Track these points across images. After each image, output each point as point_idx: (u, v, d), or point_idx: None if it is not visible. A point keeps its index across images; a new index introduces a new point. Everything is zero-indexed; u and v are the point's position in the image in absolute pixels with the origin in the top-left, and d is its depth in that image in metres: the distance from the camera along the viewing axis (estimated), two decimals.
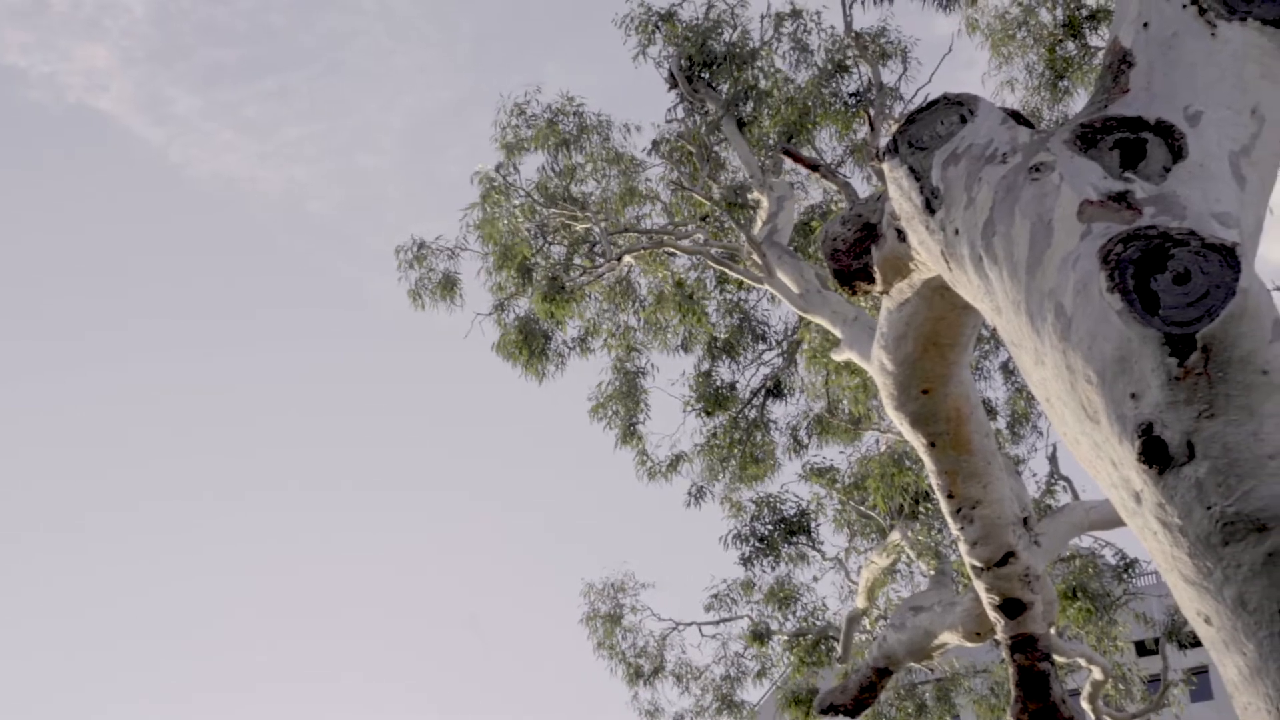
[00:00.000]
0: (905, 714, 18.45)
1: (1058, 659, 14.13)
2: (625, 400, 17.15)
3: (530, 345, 16.33)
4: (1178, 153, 3.09)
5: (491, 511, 71.43)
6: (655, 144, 16.68)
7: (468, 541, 71.74)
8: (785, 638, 17.45)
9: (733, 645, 18.62)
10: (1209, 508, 2.55)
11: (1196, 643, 16.94)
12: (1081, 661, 15.48)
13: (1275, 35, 3.36)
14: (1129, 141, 3.16)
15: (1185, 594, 2.68)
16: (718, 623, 18.37)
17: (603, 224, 16.28)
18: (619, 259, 16.33)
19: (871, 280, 4.45)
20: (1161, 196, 2.95)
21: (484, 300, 17.14)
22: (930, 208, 3.56)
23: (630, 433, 17.25)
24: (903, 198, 3.69)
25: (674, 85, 16.09)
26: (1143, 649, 19.28)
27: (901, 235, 4.02)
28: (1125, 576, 16.74)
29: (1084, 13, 16.00)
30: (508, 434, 67.61)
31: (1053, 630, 12.67)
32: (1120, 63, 3.45)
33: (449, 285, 16.89)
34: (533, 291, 16.13)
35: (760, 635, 17.50)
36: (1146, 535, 2.73)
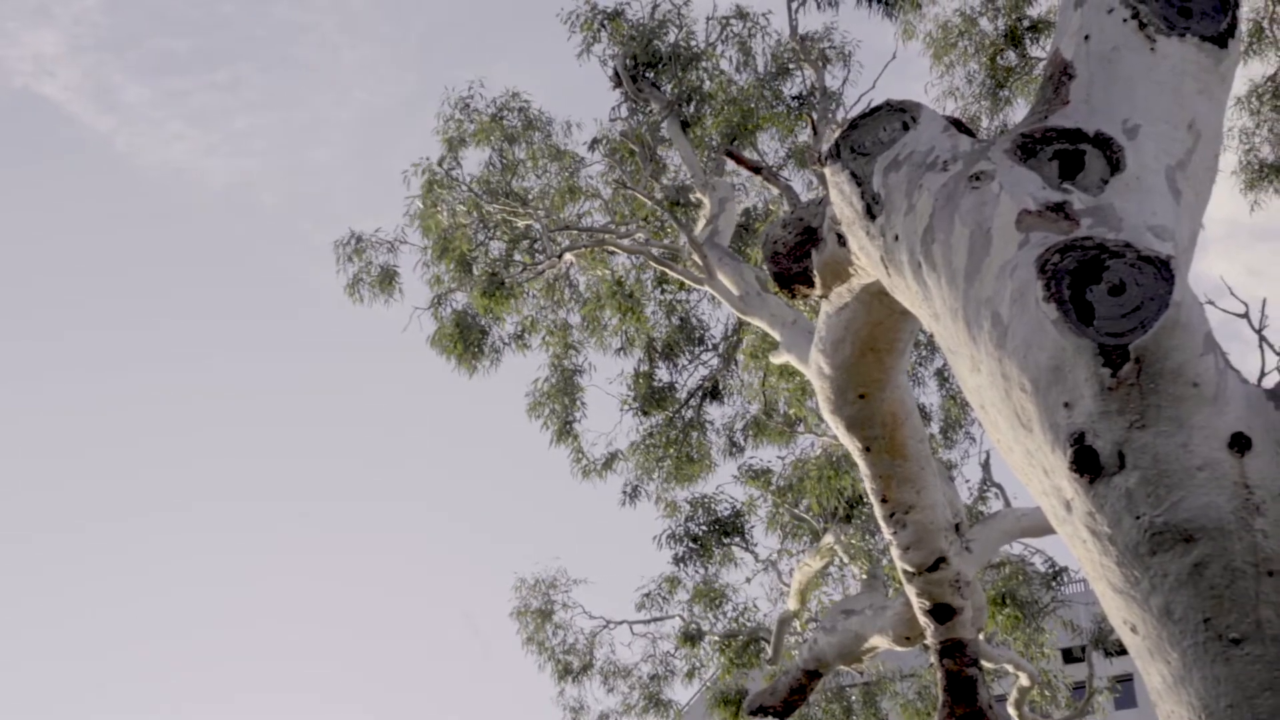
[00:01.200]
0: (832, 716, 18.54)
1: (986, 664, 14.23)
2: (562, 398, 17.13)
3: (466, 340, 16.28)
4: (1115, 165, 3.11)
5: (421, 510, 71.17)
6: (596, 141, 16.68)
7: (399, 539, 71.42)
8: (716, 639, 17.48)
9: (662, 644, 18.64)
10: (1138, 517, 2.57)
11: (1122, 651, 17.12)
12: (1009, 667, 15.61)
13: (1213, 52, 3.39)
14: (1068, 153, 3.19)
15: (1112, 602, 2.71)
16: (648, 621, 18.39)
17: (544, 220, 16.25)
18: (560, 256, 16.31)
19: (811, 284, 4.46)
20: (1099, 208, 2.98)
21: (424, 295, 17.08)
22: (871, 213, 3.57)
23: (566, 430, 17.23)
24: (844, 203, 3.70)
25: (618, 84, 16.09)
26: (1069, 656, 19.49)
27: (842, 240, 4.04)
28: (1054, 584, 16.89)
29: (1025, 24, 16.15)
30: (443, 430, 67.38)
31: (981, 636, 12.76)
32: (1061, 74, 3.48)
33: (387, 279, 16.82)
34: (472, 286, 16.08)
35: (692, 637, 17.51)
36: (1076, 543, 2.75)
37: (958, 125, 3.66)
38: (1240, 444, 2.56)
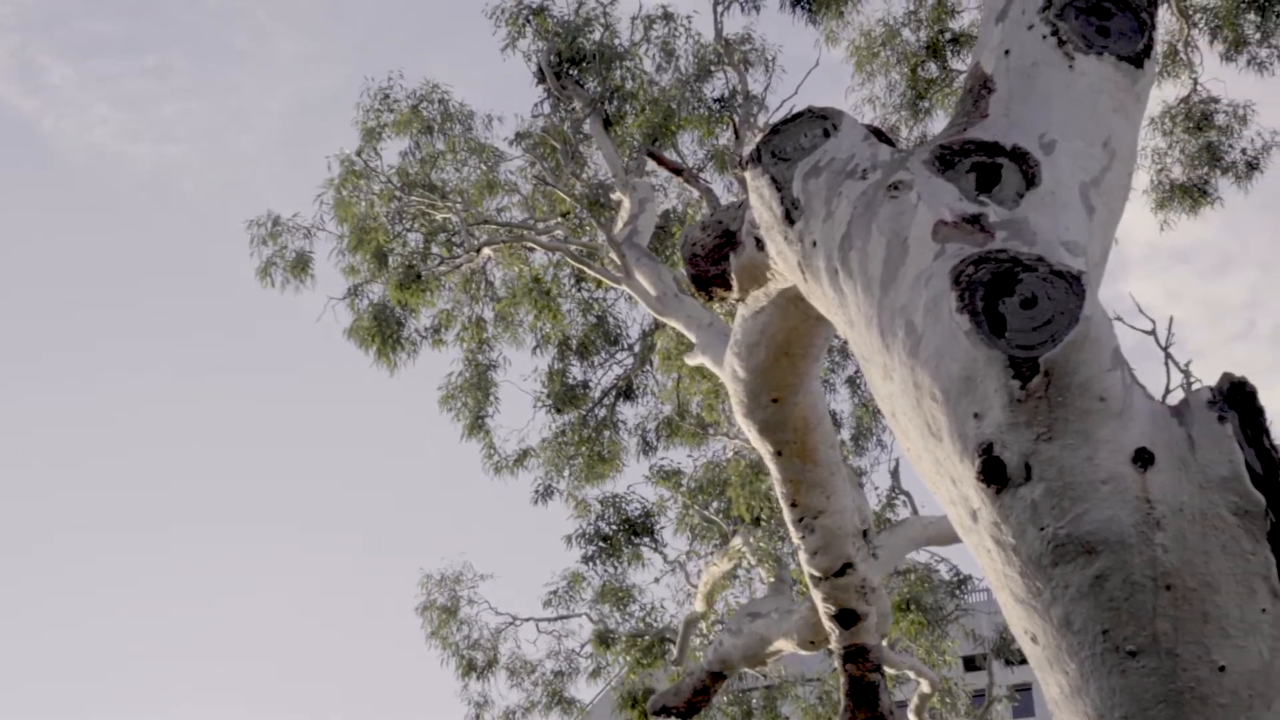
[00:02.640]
0: (732, 718, 18.58)
1: (888, 670, 14.35)
2: (475, 392, 17.05)
3: (383, 332, 16.17)
4: (1031, 179, 3.14)
5: (328, 504, 70.60)
6: (520, 136, 16.62)
7: (304, 533, 70.80)
8: (622, 638, 17.47)
9: (568, 642, 18.61)
10: (1042, 529, 2.59)
11: (1022, 660, 17.33)
12: (911, 674, 15.75)
13: (1130, 71, 3.44)
14: (985, 165, 3.21)
15: (1014, 612, 2.73)
16: (555, 619, 18.35)
17: (462, 214, 16.17)
18: (477, 251, 16.23)
19: (728, 287, 4.47)
20: (1013, 221, 3.01)
21: (339, 284, 16.93)
22: (790, 218, 3.58)
23: (478, 425, 17.15)
24: (763, 207, 3.71)
25: (542, 80, 16.04)
26: (970, 664, 19.70)
27: (760, 244, 4.05)
28: (958, 592, 17.07)
29: (947, 36, 16.30)
30: (356, 422, 66.89)
31: (885, 642, 12.86)
32: (981, 88, 3.51)
33: (301, 265, 16.64)
34: (388, 278, 15.96)
35: (605, 639, 17.49)
36: (981, 552, 2.77)
37: (878, 134, 3.68)
38: (1143, 459, 2.59)
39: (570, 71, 15.92)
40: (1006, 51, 3.52)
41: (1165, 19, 16.57)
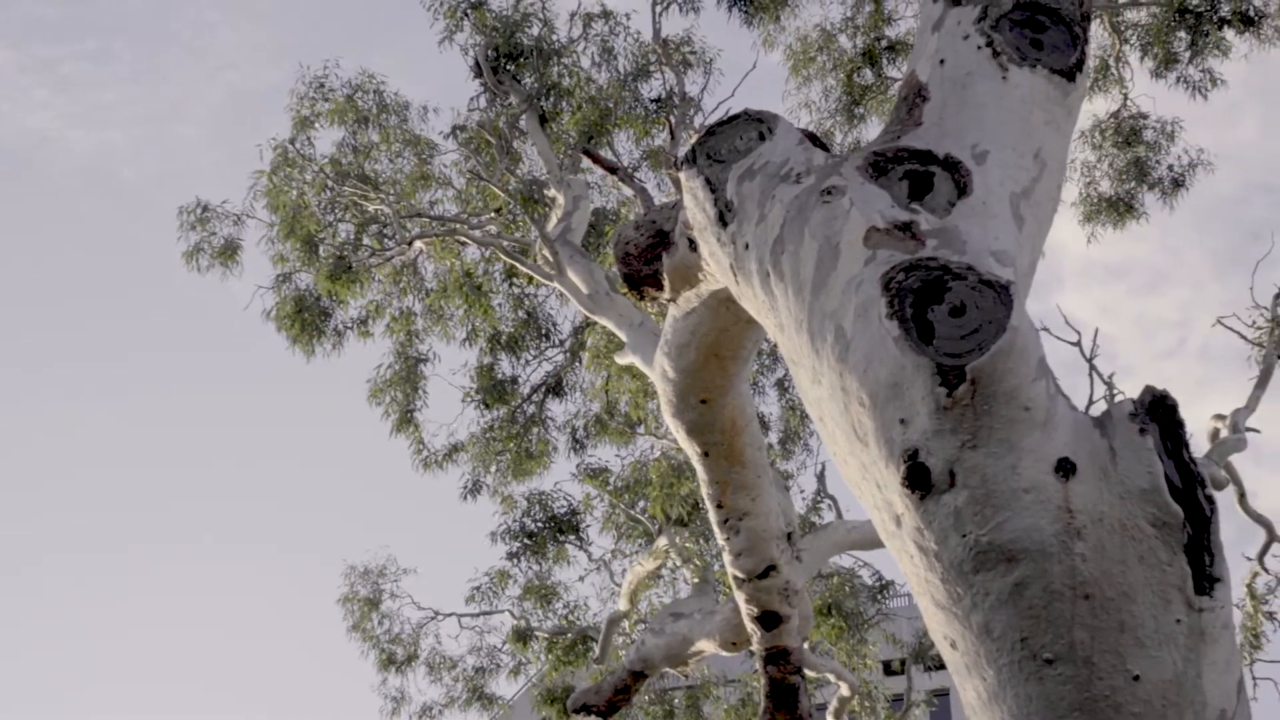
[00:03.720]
0: (653, 718, 18.59)
1: (808, 673, 14.42)
2: (404, 386, 16.97)
3: (305, 319, 16.05)
4: (963, 189, 3.16)
5: (255, 494, 70.03)
6: (456, 129, 16.55)
7: (231, 522, 70.20)
8: (545, 635, 17.44)
9: (490, 638, 18.55)
10: (964, 535, 2.61)
11: (940, 666, 17.47)
12: (831, 677, 15.81)
13: (1062, 85, 3.47)
14: (918, 174, 3.23)
15: (935, 618, 2.75)
16: (477, 615, 18.28)
17: (395, 206, 16.08)
18: (409, 243, 16.15)
19: (660, 287, 4.47)
20: (944, 230, 3.02)
21: (270, 273, 16.78)
22: (723, 220, 3.59)
23: (407, 420, 17.07)
24: (697, 208, 3.72)
25: (479, 74, 15.98)
26: (889, 669, 19.84)
27: (693, 245, 4.05)
28: (880, 597, 17.16)
29: (883, 43, 16.41)
30: (285, 413, 66.39)
31: (806, 645, 12.92)
32: (915, 96, 3.53)
33: (230, 251, 16.50)
34: (318, 267, 15.85)
35: (523, 635, 17.44)
36: (903, 558, 2.79)
37: (813, 139, 3.70)
38: (1066, 469, 2.61)
39: (507, 67, 15.87)
40: (942, 61, 3.54)
41: (1098, 34, 16.78)
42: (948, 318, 2.71)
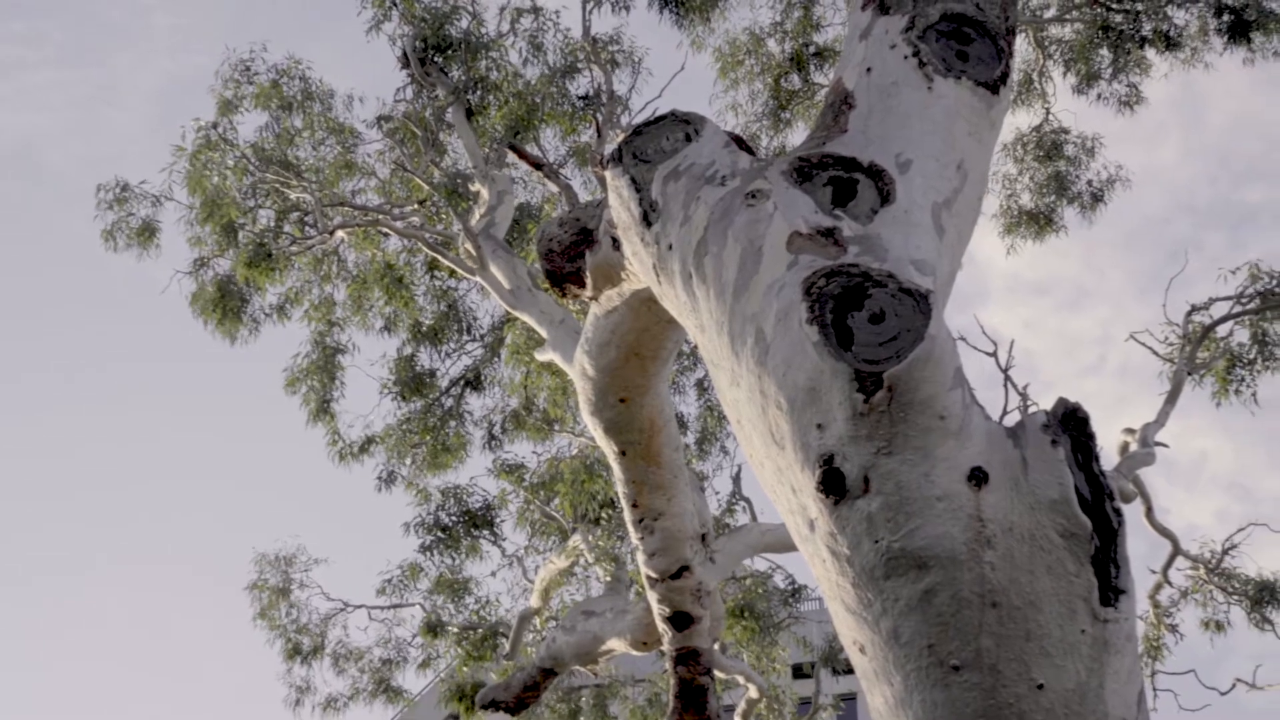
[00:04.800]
0: (560, 716, 18.56)
1: (718, 675, 14.46)
2: (321, 375, 16.83)
3: (225, 306, 15.89)
4: (886, 197, 3.18)
5: (168, 483, 69.19)
6: (380, 119, 16.44)
7: (147, 511, 69.32)
8: (455, 630, 17.36)
9: (399, 631, 18.44)
10: (876, 541, 2.63)
11: (849, 670, 17.56)
12: (740, 679, 15.87)
13: (986, 97, 3.50)
14: (842, 180, 3.25)
15: (845, 622, 2.76)
16: (387, 608, 18.16)
17: (317, 194, 15.94)
18: (331, 232, 16.03)
19: (583, 285, 4.47)
20: (867, 237, 3.04)
21: (188, 258, 16.58)
22: (647, 220, 3.59)
23: (324, 410, 16.94)
24: (622, 207, 3.71)
25: (406, 65, 15.88)
26: (799, 672, 19.90)
27: (616, 244, 4.05)
28: (791, 600, 17.23)
29: (811, 49, 16.47)
30: (202, 401, 65.62)
31: (716, 646, 12.96)
32: (842, 103, 3.55)
33: (147, 232, 16.29)
34: (237, 253, 15.68)
35: (434, 628, 17.36)
36: (816, 562, 2.80)
37: (739, 142, 3.71)
38: (978, 478, 2.63)
39: (435, 59, 15.77)
40: (868, 69, 3.56)
41: (1022, 49, 16.96)
42: (867, 324, 2.73)
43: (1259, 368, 16.34)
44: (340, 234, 16.20)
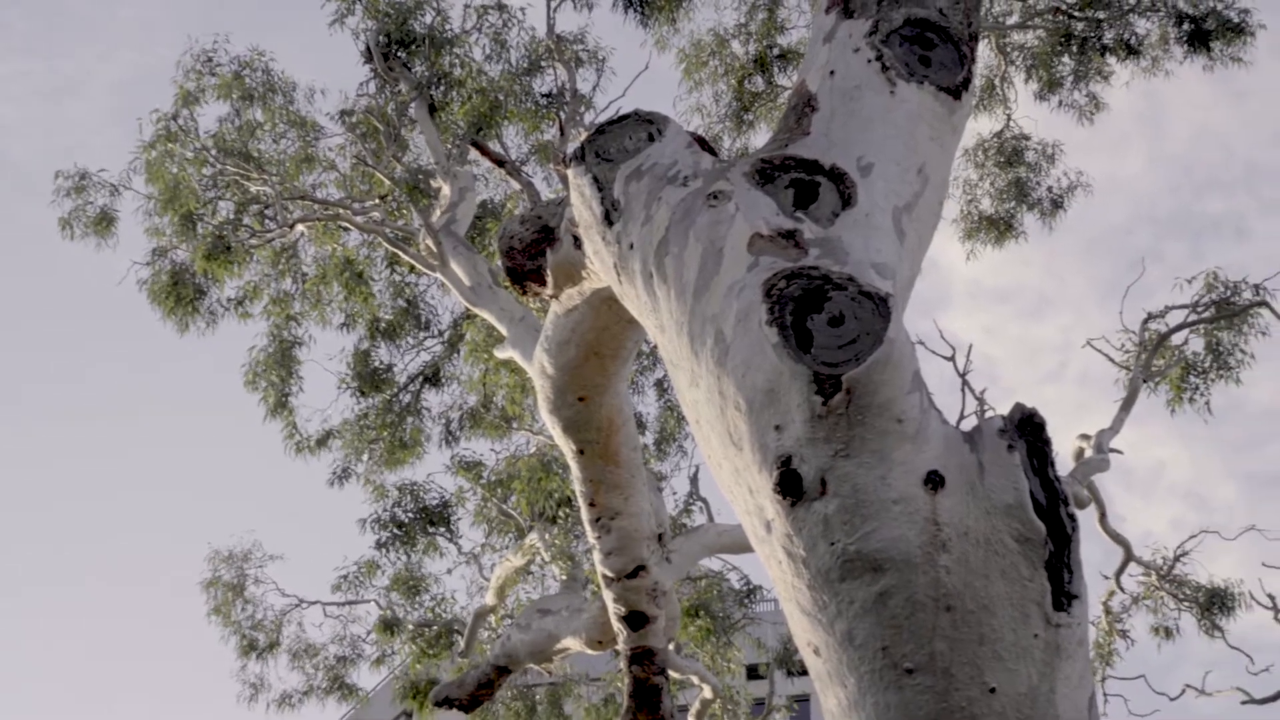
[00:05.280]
0: (515, 714, 18.53)
1: (672, 674, 14.47)
2: (279, 370, 16.75)
3: (181, 296, 15.79)
4: (847, 200, 3.19)
5: (124, 474, 68.72)
6: (343, 113, 16.37)
7: (101, 501, 68.82)
8: (410, 627, 17.31)
9: (353, 628, 18.37)
10: (832, 543, 2.63)
11: (803, 672, 17.61)
12: (694, 679, 15.87)
13: (948, 102, 3.52)
14: (804, 183, 3.26)
15: (800, 624, 2.77)
16: (342, 604, 18.10)
17: (278, 187, 15.86)
18: (291, 226, 15.96)
19: (543, 283, 4.47)
20: (827, 240, 3.05)
21: (146, 249, 16.45)
22: (609, 219, 3.59)
23: (282, 404, 16.86)
24: (583, 206, 3.71)
25: (369, 60, 15.81)
26: (753, 673, 19.91)
27: (578, 242, 4.05)
28: (746, 601, 17.25)
29: (775, 51, 16.52)
30: (161, 395, 65.21)
31: (671, 646, 12.97)
32: (805, 105, 3.56)
33: (105, 221, 16.17)
34: (195, 244, 15.59)
35: (388, 625, 17.31)
36: (772, 563, 2.80)
37: (701, 143, 3.71)
38: (934, 482, 2.64)
39: (398, 54, 15.71)
40: (832, 72, 3.57)
41: (984, 55, 17.04)
42: (827, 327, 2.74)
43: (1213, 376, 16.48)
44: (300, 228, 16.13)
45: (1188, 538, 17.75)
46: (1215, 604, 17.10)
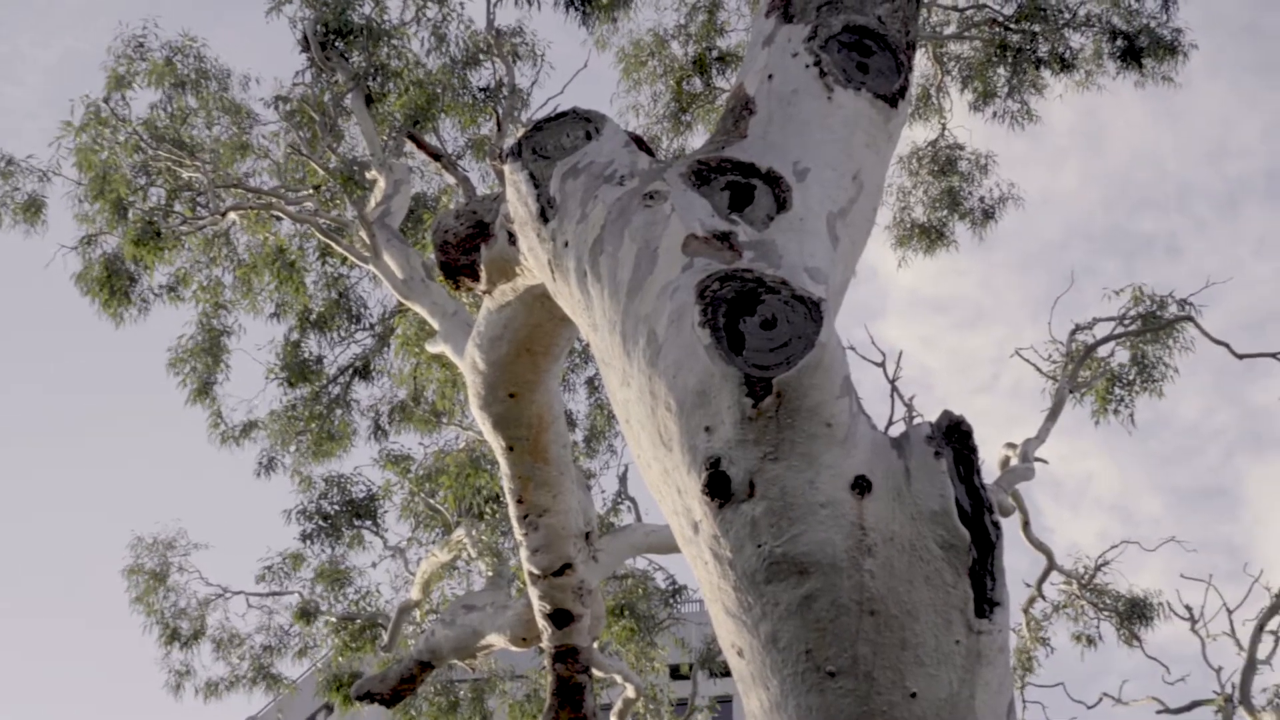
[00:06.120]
0: (437, 710, 18.46)
1: (596, 673, 14.47)
2: (206, 357, 16.61)
3: (113, 285, 15.62)
4: (782, 204, 3.20)
5: (45, 460, 67.84)
6: (278, 100, 16.24)
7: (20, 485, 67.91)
8: (334, 619, 17.23)
9: (278, 618, 18.26)
10: (759, 546, 2.64)
11: (725, 673, 17.68)
12: (618, 678, 15.88)
13: (884, 109, 3.54)
14: (739, 185, 3.26)
15: (724, 625, 2.77)
16: (267, 595, 17.98)
17: (210, 174, 15.71)
18: (223, 214, 15.81)
19: (477, 278, 4.45)
20: (762, 243, 3.06)
21: (77, 236, 16.25)
22: (544, 216, 3.58)
23: (205, 391, 16.72)
24: (519, 202, 3.70)
25: (306, 49, 15.69)
26: (676, 673, 19.94)
27: (513, 238, 4.04)
28: (672, 601, 17.29)
29: (714, 53, 16.56)
30: (83, 378, 64.39)
31: (596, 645, 12.97)
32: (742, 108, 3.56)
33: (34, 208, 15.97)
34: (125, 231, 15.41)
35: (308, 614, 17.21)
36: (698, 564, 2.80)
37: (639, 142, 3.71)
38: (862, 486, 2.65)
39: (336, 43, 15.60)
40: (770, 76, 3.58)
41: (921, 63, 17.16)
42: (759, 330, 2.74)
43: (1137, 389, 16.70)
44: (232, 216, 15.98)
45: (1109, 547, 17.97)
46: (1134, 614, 17.35)
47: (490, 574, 14.03)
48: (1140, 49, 15.68)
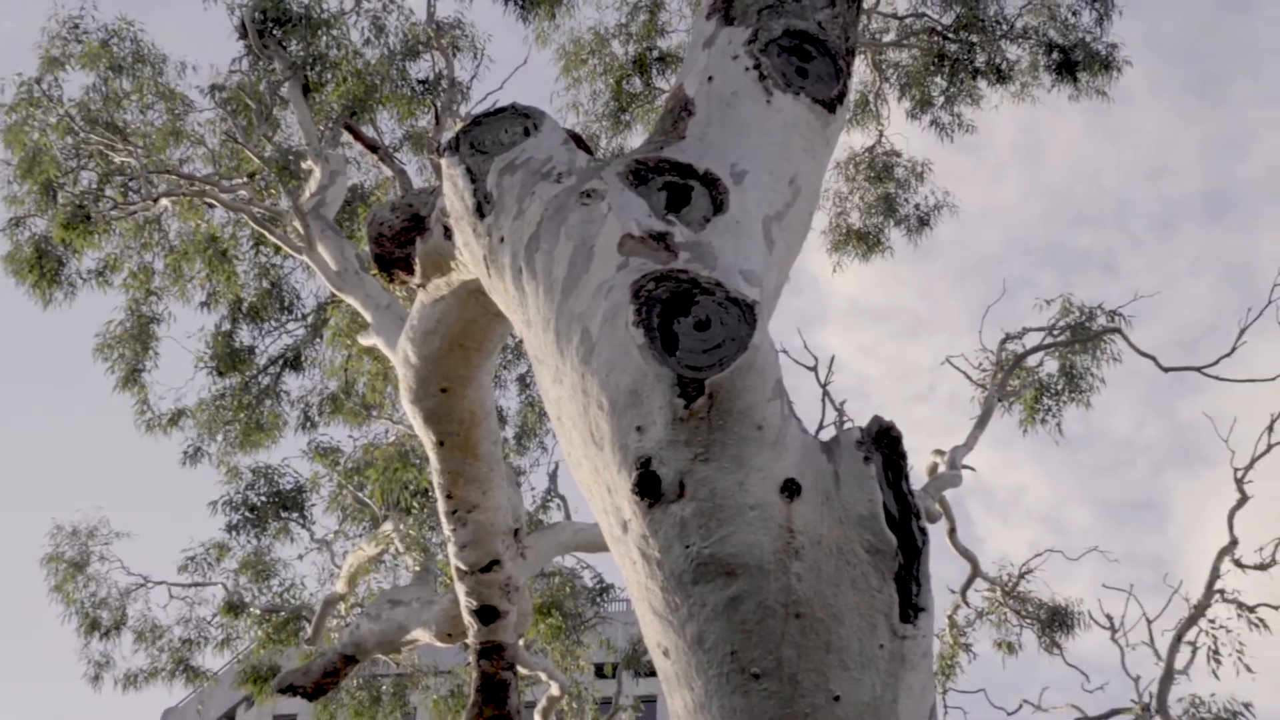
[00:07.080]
0: (359, 704, 18.37)
1: (521, 670, 14.44)
2: (134, 344, 16.43)
3: (43, 267, 15.43)
4: (719, 206, 3.21)
5: None
6: (214, 88, 16.10)
7: None
8: (257, 611, 17.09)
9: (200, 610, 18.09)
10: (687, 546, 2.64)
11: (650, 673, 17.70)
12: (543, 676, 15.88)
13: (822, 115, 3.55)
14: (677, 186, 3.27)
15: (651, 625, 2.77)
16: (189, 585, 17.81)
17: (143, 159, 15.55)
18: (155, 199, 15.65)
19: (411, 271, 4.43)
20: (698, 244, 3.06)
21: (3, 216, 16.03)
22: (481, 211, 3.57)
23: (133, 379, 16.54)
24: (456, 196, 3.69)
25: (244, 36, 15.57)
26: (601, 672, 19.97)
27: (448, 233, 4.02)
28: (599, 600, 17.30)
29: (654, 54, 16.59)
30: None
31: (521, 642, 12.94)
32: (682, 109, 3.57)
33: None
34: (54, 213, 15.23)
35: (235, 607, 17.07)
36: (626, 563, 2.81)
37: (577, 140, 3.71)
38: (791, 489, 2.66)
39: (274, 31, 15.49)
40: (710, 78, 3.59)
41: (860, 70, 17.26)
42: (692, 331, 2.75)
43: (1065, 399, 16.88)
44: (165, 202, 15.82)
45: (1033, 556, 18.16)
46: (1056, 622, 17.53)
47: (417, 569, 13.97)
48: (1075, 62, 15.86)
